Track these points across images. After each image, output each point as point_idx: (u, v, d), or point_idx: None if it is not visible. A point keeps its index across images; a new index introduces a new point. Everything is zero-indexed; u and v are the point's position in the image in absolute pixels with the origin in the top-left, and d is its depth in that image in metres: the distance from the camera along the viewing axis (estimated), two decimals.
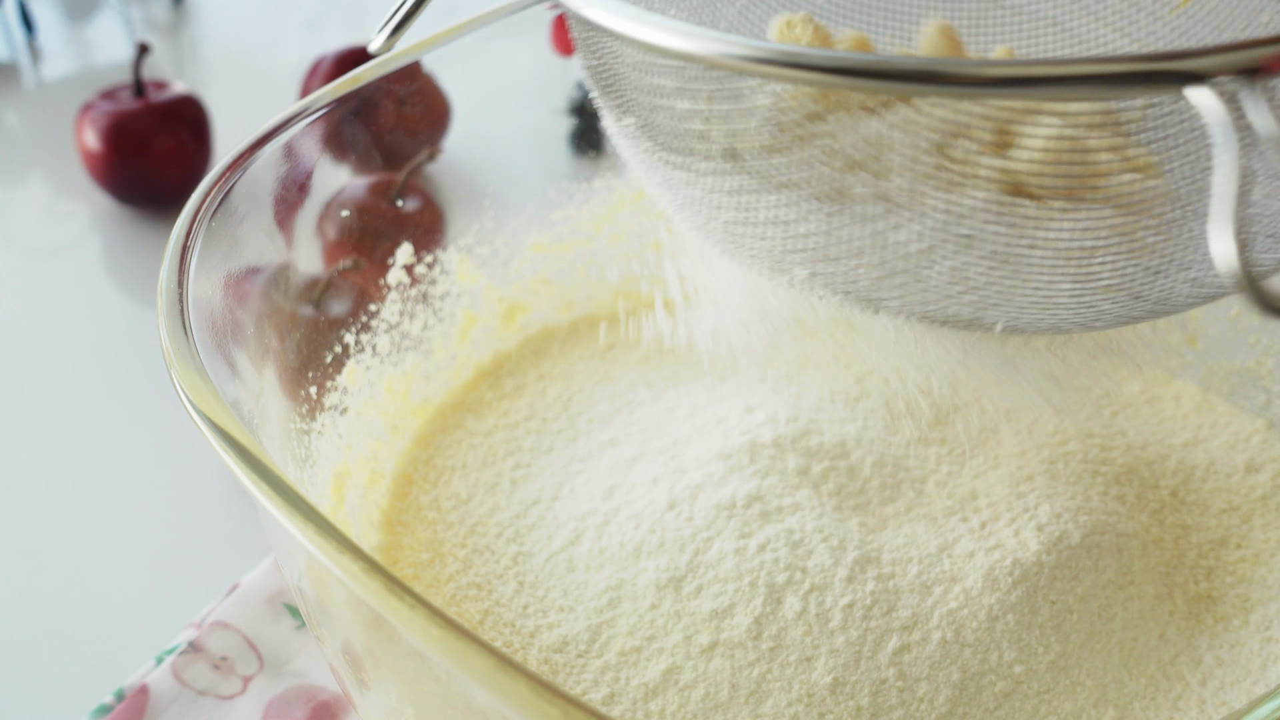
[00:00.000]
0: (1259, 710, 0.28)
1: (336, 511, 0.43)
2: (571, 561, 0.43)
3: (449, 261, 0.52)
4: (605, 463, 0.46)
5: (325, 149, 0.46)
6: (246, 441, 0.31)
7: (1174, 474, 0.47)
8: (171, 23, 0.96)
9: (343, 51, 0.72)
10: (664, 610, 0.40)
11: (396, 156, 0.51)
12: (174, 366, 0.33)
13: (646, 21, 0.31)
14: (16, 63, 0.90)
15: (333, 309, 0.47)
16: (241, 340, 0.39)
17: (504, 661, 0.26)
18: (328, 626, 0.36)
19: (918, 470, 0.43)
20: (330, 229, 0.48)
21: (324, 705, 0.44)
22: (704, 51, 0.30)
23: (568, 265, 0.55)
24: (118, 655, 0.47)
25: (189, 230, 0.38)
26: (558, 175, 0.55)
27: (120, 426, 0.58)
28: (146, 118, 0.69)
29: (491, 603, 0.42)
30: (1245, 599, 0.42)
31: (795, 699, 0.38)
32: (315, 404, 0.44)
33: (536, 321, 0.55)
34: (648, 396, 0.50)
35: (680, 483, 0.43)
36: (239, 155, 0.41)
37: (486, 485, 0.47)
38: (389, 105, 0.50)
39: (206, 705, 0.44)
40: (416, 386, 0.50)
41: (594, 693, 0.39)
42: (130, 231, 0.72)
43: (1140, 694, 0.39)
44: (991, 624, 0.39)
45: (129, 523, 0.53)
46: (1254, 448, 0.48)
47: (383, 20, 0.38)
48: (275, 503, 0.30)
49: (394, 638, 0.31)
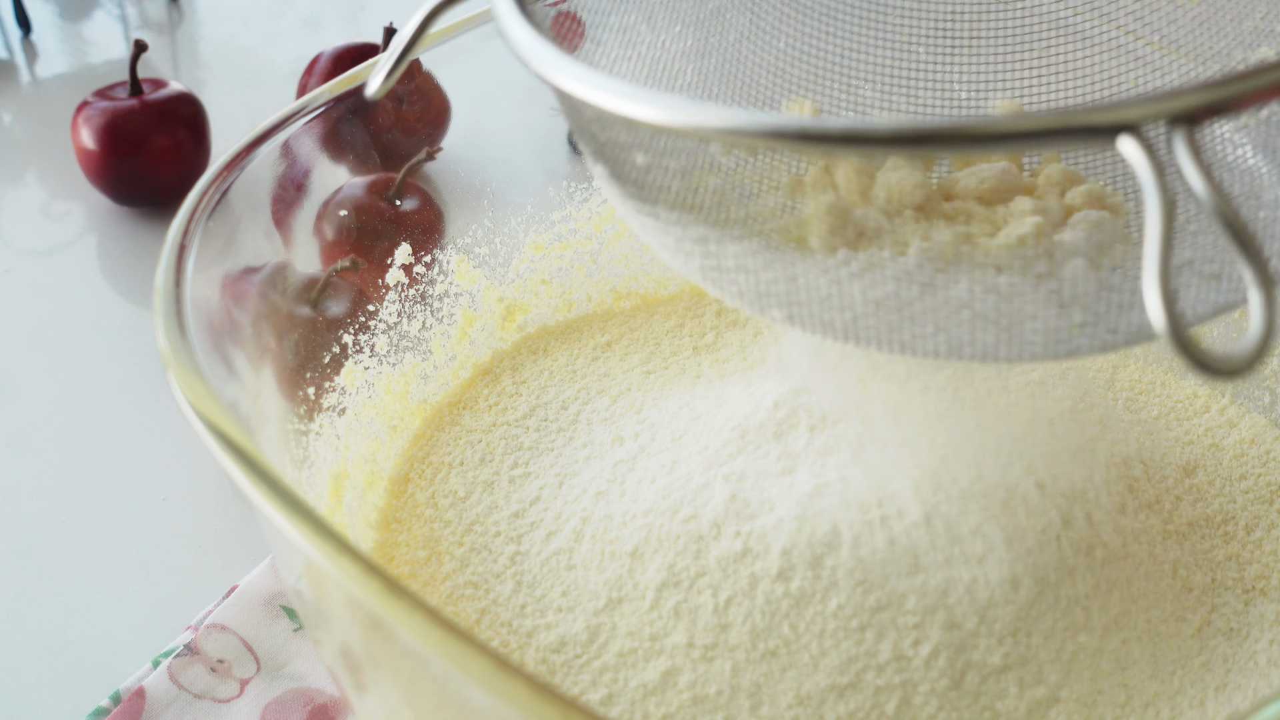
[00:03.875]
0: (1264, 712, 0.28)
1: (334, 513, 0.43)
2: (570, 561, 0.43)
3: (448, 261, 0.52)
4: (605, 462, 0.46)
5: (323, 148, 0.46)
6: (244, 443, 0.31)
7: (1179, 474, 0.47)
8: (168, 21, 0.96)
9: (340, 50, 0.72)
10: (664, 610, 0.40)
11: (395, 156, 0.51)
12: (171, 367, 0.33)
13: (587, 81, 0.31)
14: (12, 61, 0.90)
15: (331, 309, 0.47)
16: (239, 341, 0.39)
17: (502, 663, 0.25)
18: (325, 629, 0.36)
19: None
20: (328, 228, 0.48)
21: (321, 708, 0.44)
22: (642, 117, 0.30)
23: (567, 265, 0.55)
24: (114, 658, 0.47)
25: (186, 230, 0.38)
26: (557, 175, 0.55)
27: (117, 427, 0.58)
28: (143, 116, 0.69)
29: (489, 602, 0.42)
30: (1250, 601, 0.42)
31: (796, 700, 0.38)
32: (313, 405, 0.44)
33: (536, 321, 0.55)
34: (648, 396, 0.50)
35: (680, 482, 0.43)
36: (236, 154, 0.41)
37: (484, 483, 0.47)
38: (387, 104, 0.49)
39: (203, 708, 0.44)
40: (415, 387, 0.50)
41: (592, 693, 0.39)
42: (126, 231, 0.71)
43: (1141, 691, 0.39)
44: (993, 623, 0.39)
45: (125, 524, 0.53)
46: (1259, 448, 0.48)
47: (382, 24, 0.38)
48: (273, 504, 0.30)
49: (392, 640, 0.31)
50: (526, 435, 0.49)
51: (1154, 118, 0.27)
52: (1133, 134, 0.27)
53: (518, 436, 0.49)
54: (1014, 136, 0.27)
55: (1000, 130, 0.27)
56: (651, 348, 0.53)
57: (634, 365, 0.52)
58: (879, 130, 0.28)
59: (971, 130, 0.27)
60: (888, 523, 0.40)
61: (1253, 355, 0.26)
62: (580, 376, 0.52)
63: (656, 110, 0.30)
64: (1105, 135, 0.27)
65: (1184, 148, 0.26)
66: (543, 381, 0.52)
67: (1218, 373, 0.26)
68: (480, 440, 0.49)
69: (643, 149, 0.35)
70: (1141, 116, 0.27)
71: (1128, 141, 0.27)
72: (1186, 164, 0.26)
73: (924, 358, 0.33)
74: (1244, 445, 0.48)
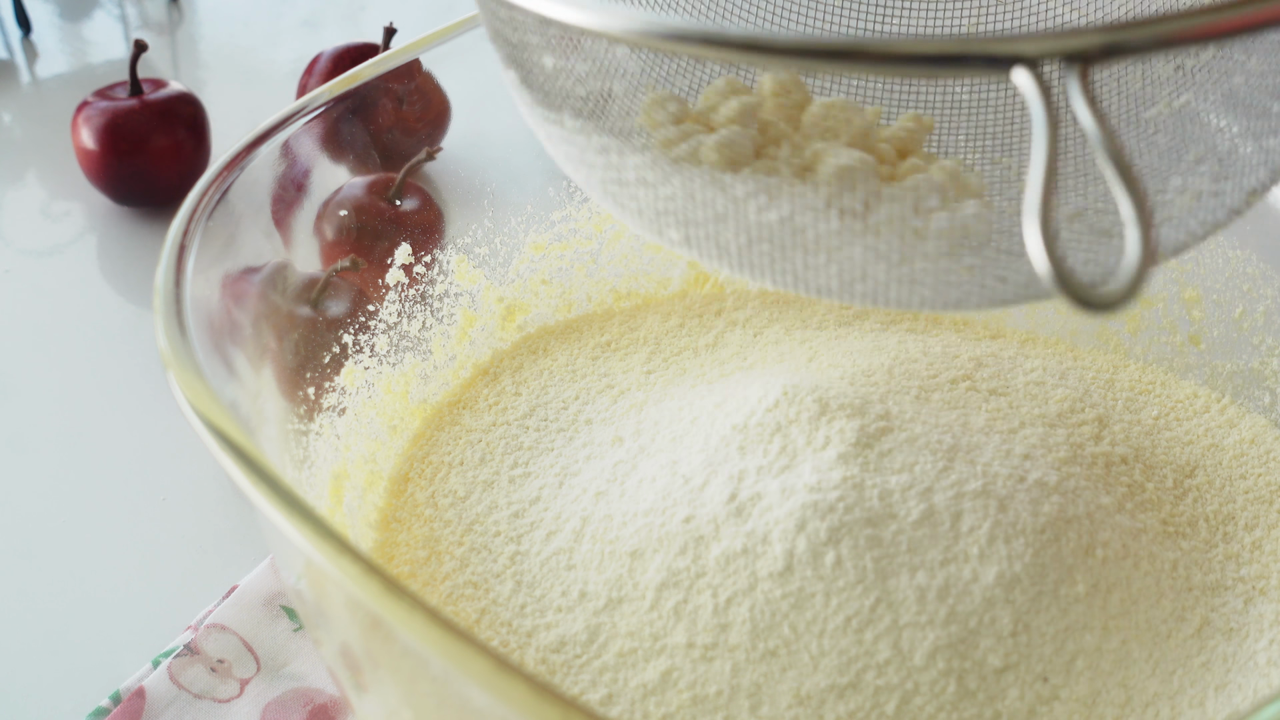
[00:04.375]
0: (1264, 712, 0.28)
1: (334, 513, 0.43)
2: (570, 561, 0.42)
3: (448, 261, 0.52)
4: (605, 462, 0.46)
5: (323, 148, 0.46)
6: (244, 443, 0.31)
7: (1179, 474, 0.47)
8: (168, 21, 0.96)
9: (340, 50, 0.72)
10: (664, 610, 0.40)
11: (395, 155, 0.51)
12: (171, 367, 0.33)
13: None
14: (12, 61, 0.90)
15: (331, 309, 0.47)
16: (239, 341, 0.39)
17: (502, 663, 0.25)
18: (325, 629, 0.36)
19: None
20: (328, 228, 0.48)
21: (321, 708, 0.44)
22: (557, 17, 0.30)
23: (567, 265, 0.55)
24: (114, 658, 0.47)
25: (186, 230, 0.38)
26: (557, 175, 0.55)
27: (116, 427, 0.58)
28: (143, 116, 0.69)
29: (488, 602, 0.42)
30: (1250, 601, 0.42)
31: (795, 700, 0.38)
32: (313, 405, 0.44)
33: (536, 321, 0.55)
34: (648, 396, 0.50)
35: (681, 482, 0.43)
36: (236, 154, 0.41)
37: (484, 483, 0.47)
38: (387, 104, 0.49)
39: (203, 708, 0.44)
40: (415, 387, 0.50)
41: (592, 693, 0.39)
42: (126, 231, 0.71)
43: (1141, 691, 0.39)
44: (993, 623, 0.39)
45: (125, 525, 0.53)
46: (1259, 448, 0.48)
47: (382, 23, 0.38)
48: (273, 504, 0.30)
49: (392, 640, 0.31)
50: (526, 435, 0.49)
51: (1051, 54, 0.27)
52: (1029, 67, 0.27)
53: (518, 436, 0.49)
54: (913, 59, 0.28)
55: (899, 51, 0.27)
56: (651, 348, 0.53)
57: (634, 365, 0.52)
58: (779, 42, 0.28)
59: (871, 49, 0.28)
60: (888, 522, 0.40)
61: (1128, 288, 0.26)
62: (580, 376, 0.52)
63: (567, 10, 0.30)
64: (1001, 66, 0.27)
65: (1077, 86, 0.27)
66: (543, 381, 0.52)
67: (1096, 306, 0.26)
68: (480, 440, 0.49)
69: (551, 51, 0.35)
70: (1039, 51, 0.27)
71: (1022, 73, 0.27)
72: (1078, 101, 0.27)
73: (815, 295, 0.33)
74: (1244, 445, 0.48)
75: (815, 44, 0.28)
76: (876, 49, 0.27)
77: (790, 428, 0.43)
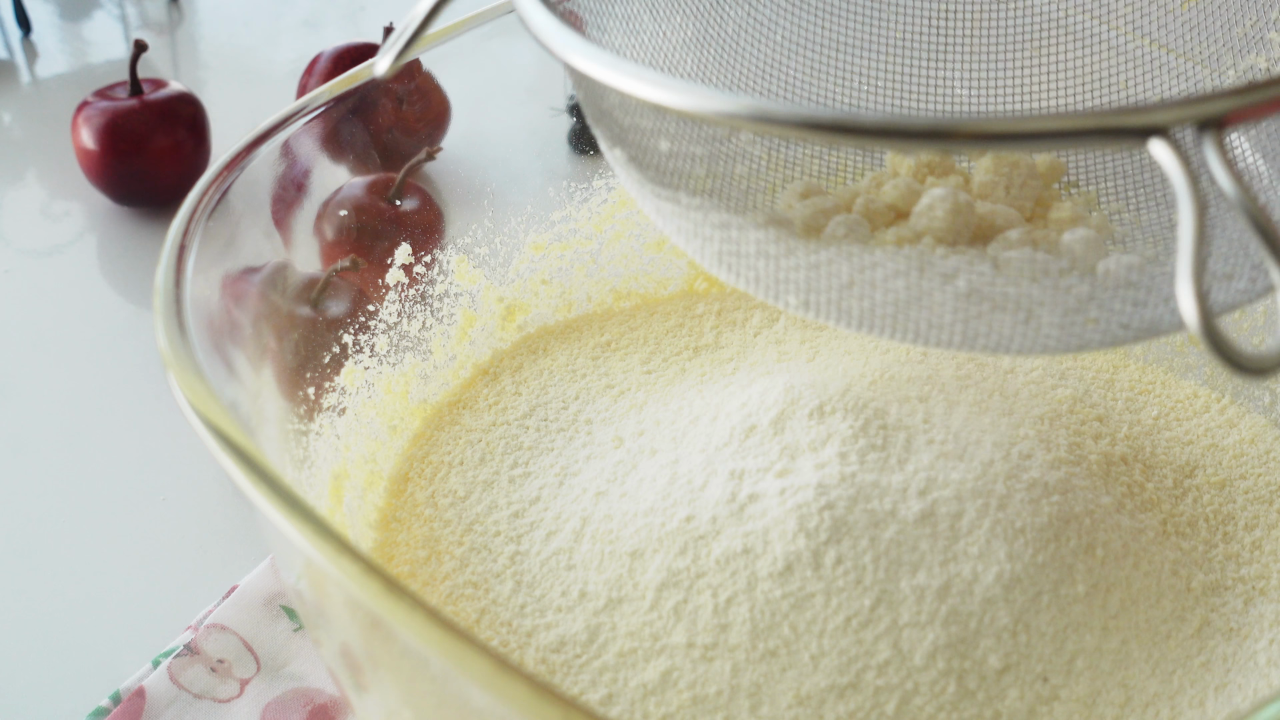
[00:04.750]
0: (1264, 712, 0.28)
1: (334, 513, 0.43)
2: (570, 561, 0.42)
3: (448, 261, 0.52)
4: (605, 462, 0.46)
5: (323, 148, 0.46)
6: (244, 443, 0.31)
7: (1179, 474, 0.47)
8: (168, 21, 0.96)
9: (340, 49, 0.72)
10: (663, 610, 0.40)
11: (395, 155, 0.51)
12: (171, 367, 0.33)
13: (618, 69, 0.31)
14: (12, 61, 0.90)
15: (331, 309, 0.47)
16: (239, 341, 0.39)
17: (502, 663, 0.25)
18: (325, 629, 0.36)
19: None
20: (328, 228, 0.48)
21: (321, 708, 0.44)
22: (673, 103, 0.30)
23: (567, 265, 0.55)
24: (114, 658, 0.47)
25: (186, 230, 0.38)
26: (557, 174, 0.55)
27: (116, 427, 0.58)
28: (143, 116, 0.69)
29: (488, 602, 0.42)
30: (1250, 601, 0.42)
31: (795, 700, 0.38)
32: (313, 405, 0.44)
33: (536, 321, 0.55)
34: (648, 396, 0.50)
35: (680, 482, 0.43)
36: (236, 154, 0.41)
37: (484, 483, 0.47)
38: (387, 104, 0.49)
39: (203, 708, 0.44)
40: (415, 387, 0.50)
41: (592, 693, 0.39)
42: (126, 231, 0.71)
43: (1141, 691, 0.39)
44: (993, 623, 0.39)
45: (125, 525, 0.53)
46: (1259, 448, 0.48)
47: (382, 23, 0.38)
48: (273, 504, 0.30)
49: (392, 640, 0.31)
50: (526, 435, 0.49)
51: (1183, 121, 0.27)
52: (1163, 137, 0.27)
53: (518, 436, 0.49)
54: (1046, 135, 0.28)
55: (1033, 130, 0.28)
56: (651, 348, 0.53)
57: (634, 365, 0.52)
58: (914, 125, 0.28)
59: (1005, 129, 0.28)
60: (888, 522, 0.40)
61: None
62: (580, 376, 0.52)
63: (691, 98, 0.30)
64: (1135, 137, 0.27)
65: (1213, 150, 0.27)
66: (543, 381, 0.52)
67: (1249, 371, 0.27)
68: (480, 440, 0.49)
69: (668, 135, 0.35)
70: (1171, 120, 0.27)
71: (1158, 144, 0.27)
72: (1216, 166, 0.27)
73: (935, 347, 0.34)
74: (1244, 445, 0.48)
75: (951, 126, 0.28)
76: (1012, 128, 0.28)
77: (790, 427, 0.43)
